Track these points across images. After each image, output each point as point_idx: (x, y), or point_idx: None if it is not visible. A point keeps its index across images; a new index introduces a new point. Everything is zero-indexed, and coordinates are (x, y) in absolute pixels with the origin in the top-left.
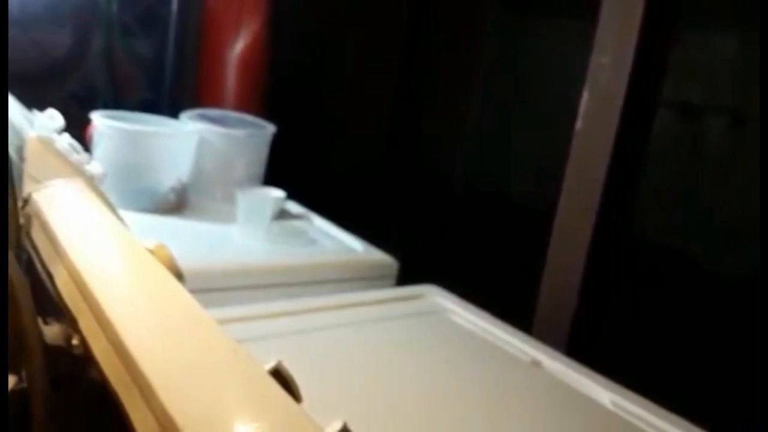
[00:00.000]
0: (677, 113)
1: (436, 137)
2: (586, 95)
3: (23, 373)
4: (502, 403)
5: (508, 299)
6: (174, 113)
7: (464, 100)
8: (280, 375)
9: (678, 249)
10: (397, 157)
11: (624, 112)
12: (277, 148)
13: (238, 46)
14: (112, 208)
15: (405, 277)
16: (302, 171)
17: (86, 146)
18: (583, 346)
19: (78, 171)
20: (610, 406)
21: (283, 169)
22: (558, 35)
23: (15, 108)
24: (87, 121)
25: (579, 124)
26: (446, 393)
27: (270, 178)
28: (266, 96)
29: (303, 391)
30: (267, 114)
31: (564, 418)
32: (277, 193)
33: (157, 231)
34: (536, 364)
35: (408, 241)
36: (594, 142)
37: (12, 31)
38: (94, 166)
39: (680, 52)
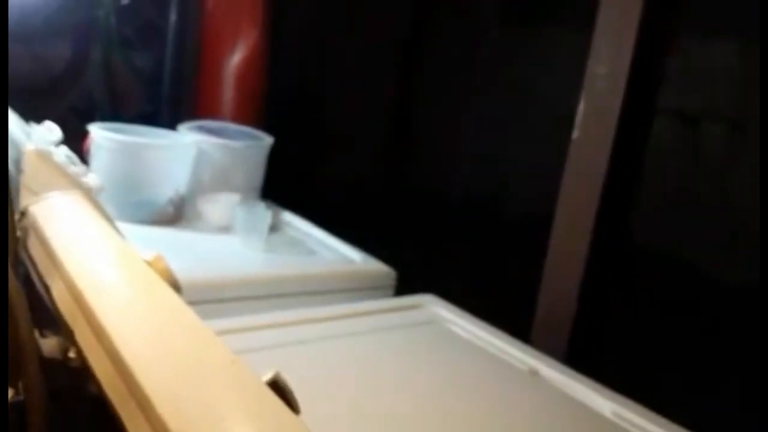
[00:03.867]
0: (675, 120)
1: (435, 146)
2: (582, 105)
3: (20, 386)
4: (500, 412)
5: (507, 308)
6: (172, 125)
7: (465, 108)
8: (278, 386)
9: (678, 256)
10: (395, 167)
11: (620, 121)
12: (276, 158)
13: (237, 58)
14: (110, 220)
15: (403, 287)
16: (301, 181)
17: (84, 158)
18: (582, 355)
19: (75, 183)
20: (610, 416)
21: (281, 180)
22: (558, 45)
23: (13, 121)
24: (85, 134)
25: (575, 134)
26: (444, 403)
27: (269, 189)
28: (264, 107)
29: (301, 402)
30: (265, 125)
31: (563, 428)
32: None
33: (154, 242)
34: (534, 373)
35: (406, 251)
36: (591, 151)
37: (11, 45)
38: (92, 178)
39: (678, 60)
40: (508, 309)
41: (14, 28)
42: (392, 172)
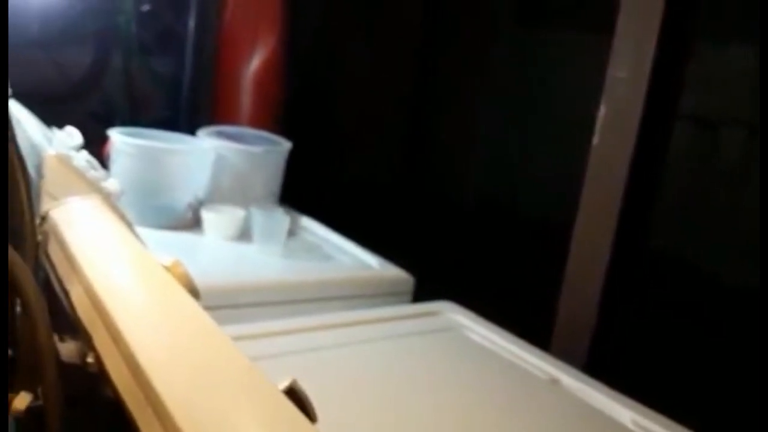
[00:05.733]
0: (693, 125)
1: (450, 151)
2: (602, 109)
3: (39, 391)
4: (520, 422)
5: (526, 315)
6: (191, 130)
7: (479, 114)
8: (294, 394)
9: (698, 262)
10: (411, 172)
11: (641, 125)
12: (293, 163)
13: (255, 63)
14: (129, 225)
15: (421, 293)
16: (318, 186)
17: (104, 163)
18: (603, 364)
19: (95, 188)
20: (630, 426)
21: (299, 185)
22: (572, 49)
23: (34, 126)
24: (105, 139)
25: (596, 139)
26: (462, 411)
27: (286, 194)
28: (282, 112)
29: (317, 409)
30: (282, 130)
31: None
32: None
33: (173, 247)
34: (554, 381)
35: (424, 257)
36: (611, 157)
37: (32, 52)
38: (111, 183)
39: (697, 65)
40: (526, 316)
41: (36, 34)
42: (409, 177)
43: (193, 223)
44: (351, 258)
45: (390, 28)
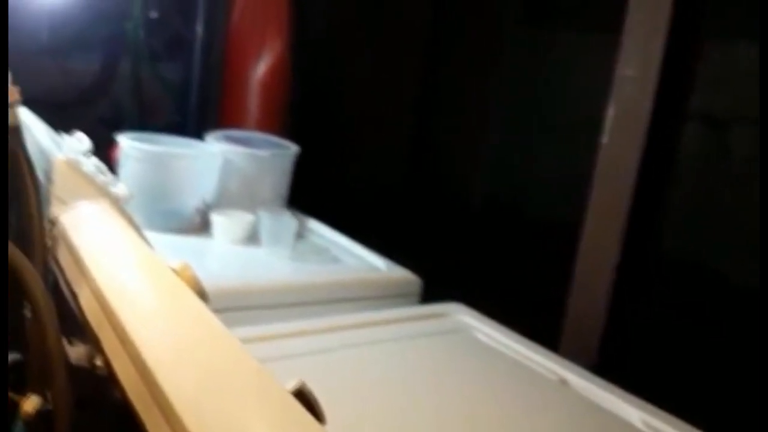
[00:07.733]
0: (701, 124)
1: (458, 153)
2: (611, 109)
3: (48, 394)
4: (528, 422)
5: (534, 316)
6: (199, 135)
7: (485, 115)
8: (303, 396)
9: (705, 263)
10: (418, 174)
11: (650, 124)
12: (300, 166)
13: (261, 68)
14: (138, 229)
15: (429, 295)
16: (325, 189)
17: (113, 168)
18: (612, 364)
19: (104, 192)
20: (640, 426)
21: (306, 188)
22: (578, 49)
23: (43, 131)
24: (114, 144)
25: (605, 138)
26: (472, 412)
27: (293, 197)
28: (288, 116)
29: (326, 411)
30: (289, 134)
31: None
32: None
33: (182, 251)
34: (563, 382)
35: (432, 259)
36: (620, 156)
37: (42, 58)
38: (120, 188)
39: (705, 64)
40: (534, 317)
41: (45, 41)
42: (416, 179)
43: (201, 226)
44: (359, 260)
45: (395, 31)
